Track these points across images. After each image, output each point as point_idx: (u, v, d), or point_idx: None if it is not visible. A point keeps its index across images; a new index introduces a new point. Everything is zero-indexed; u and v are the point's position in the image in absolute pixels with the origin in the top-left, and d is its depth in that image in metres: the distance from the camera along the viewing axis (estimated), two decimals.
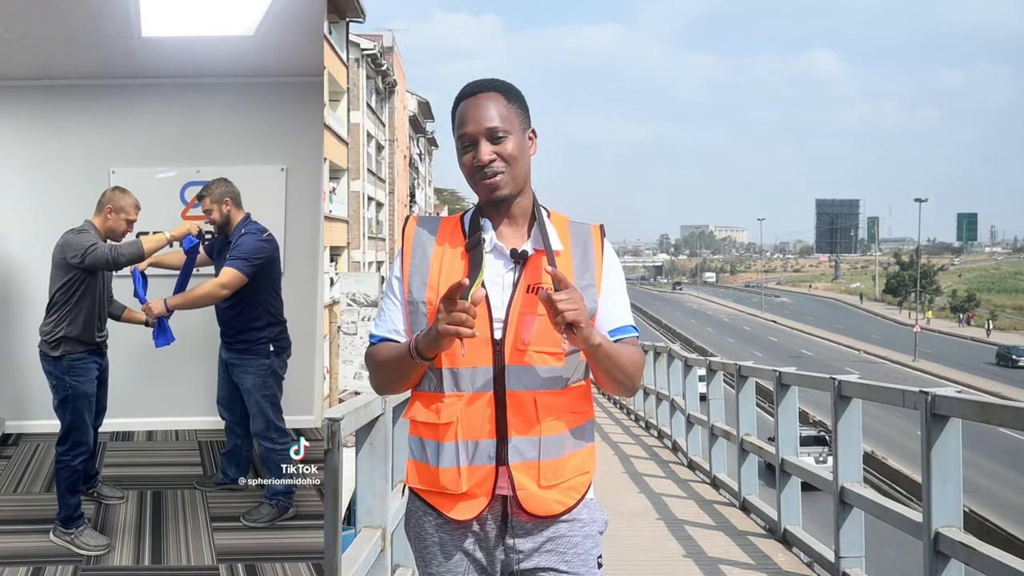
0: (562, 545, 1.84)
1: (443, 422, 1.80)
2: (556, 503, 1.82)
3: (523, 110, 1.86)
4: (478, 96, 1.83)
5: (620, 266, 1.94)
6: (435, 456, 1.81)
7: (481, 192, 1.83)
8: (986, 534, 16.26)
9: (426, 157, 48.97)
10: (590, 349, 1.75)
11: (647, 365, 11.67)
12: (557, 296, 1.69)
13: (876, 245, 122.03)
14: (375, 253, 29.62)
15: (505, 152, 1.81)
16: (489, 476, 1.79)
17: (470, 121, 1.81)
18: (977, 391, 25.51)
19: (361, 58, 27.46)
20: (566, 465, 1.82)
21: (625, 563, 5.23)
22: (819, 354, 49.18)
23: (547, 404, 1.80)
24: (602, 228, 1.93)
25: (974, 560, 3.39)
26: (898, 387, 4.18)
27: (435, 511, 1.85)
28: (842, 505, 4.70)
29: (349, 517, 4.55)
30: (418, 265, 1.85)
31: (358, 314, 18.72)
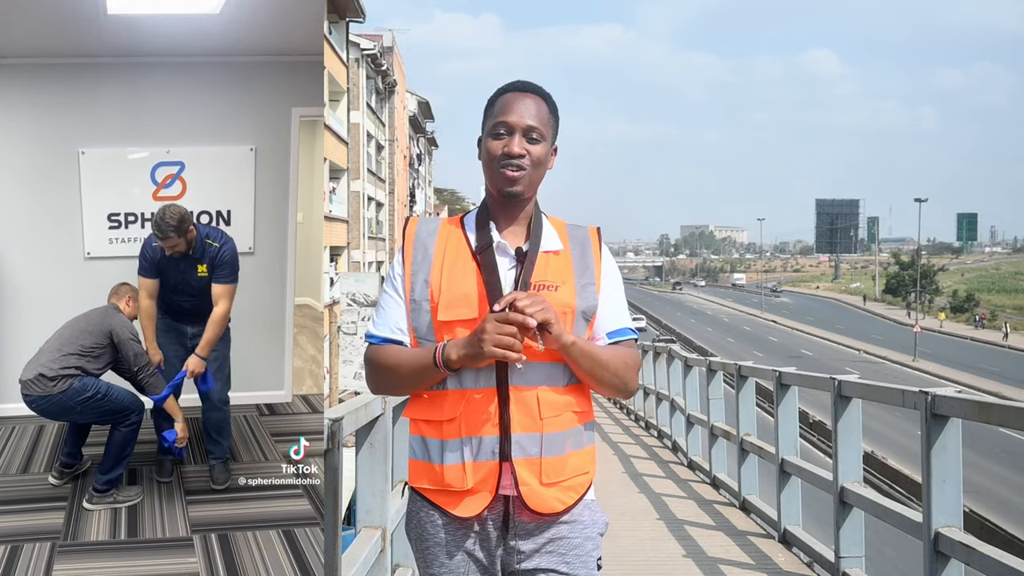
0: (563, 546, 1.85)
1: (446, 419, 1.82)
2: (557, 501, 1.83)
3: (556, 125, 1.92)
4: (528, 94, 1.89)
5: (617, 269, 1.97)
6: (439, 454, 1.83)
7: (497, 181, 1.85)
8: (986, 534, 16.25)
9: (426, 157, 48.95)
10: (564, 348, 1.78)
11: (647, 365, 11.68)
12: (522, 303, 1.72)
13: (876, 245, 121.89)
14: (375, 253, 29.61)
15: (535, 153, 1.86)
16: (493, 472, 1.80)
17: (514, 112, 1.86)
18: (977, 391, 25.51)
19: (361, 58, 27.46)
20: (567, 463, 1.84)
21: (625, 563, 5.23)
22: (819, 354, 49.15)
23: (549, 401, 1.82)
24: (599, 231, 1.96)
25: (974, 560, 3.40)
26: (898, 387, 4.18)
27: (438, 510, 1.85)
28: (842, 505, 4.70)
29: (349, 517, 4.56)
30: (420, 264, 1.87)
31: (358, 314, 18.72)
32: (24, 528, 4.22)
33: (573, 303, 1.85)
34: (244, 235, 4.82)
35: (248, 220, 4.74)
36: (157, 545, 4.18)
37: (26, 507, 4.37)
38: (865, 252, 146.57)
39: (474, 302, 1.82)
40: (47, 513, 4.34)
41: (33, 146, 4.73)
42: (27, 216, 4.30)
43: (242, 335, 4.84)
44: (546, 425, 1.81)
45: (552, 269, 1.86)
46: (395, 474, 4.03)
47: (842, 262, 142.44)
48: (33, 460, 4.72)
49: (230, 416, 4.74)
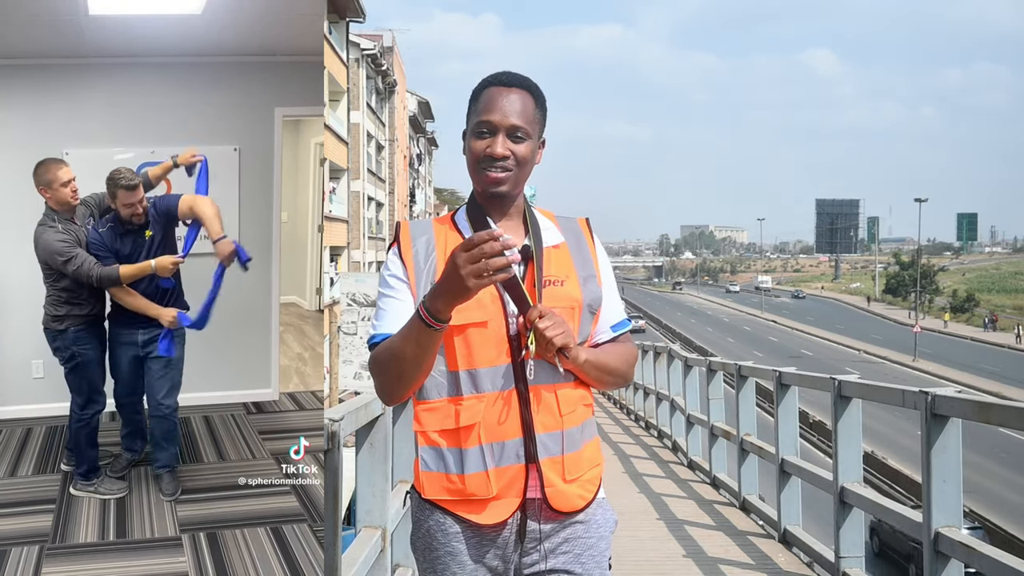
0: (578, 547, 1.84)
1: (463, 425, 1.77)
2: (579, 497, 1.82)
3: (544, 118, 1.85)
4: (512, 89, 1.81)
5: (609, 260, 1.96)
6: (458, 463, 1.77)
7: (482, 180, 1.80)
8: (986, 534, 16.25)
9: (426, 157, 48.96)
10: (579, 367, 1.77)
11: (647, 365, 11.69)
12: (542, 324, 1.70)
13: (876, 245, 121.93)
14: (375, 253, 29.61)
15: (519, 153, 1.79)
16: (519, 475, 1.77)
17: (497, 110, 1.78)
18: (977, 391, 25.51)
19: (361, 58, 27.46)
20: (583, 457, 1.83)
21: (625, 563, 5.22)
22: (819, 354, 49.15)
23: (567, 397, 1.81)
24: (588, 221, 1.94)
25: (974, 560, 3.40)
26: (898, 387, 4.18)
27: (456, 519, 1.81)
28: (842, 505, 4.70)
29: (349, 517, 4.56)
30: (422, 266, 1.81)
31: (358, 314, 18.72)
32: (12, 531, 4.20)
33: (580, 297, 1.83)
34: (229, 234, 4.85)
35: (232, 220, 4.77)
36: (146, 545, 4.18)
37: (14, 510, 4.35)
38: (865, 252, 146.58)
39: (485, 303, 1.75)
40: (35, 516, 4.32)
41: (17, 147, 4.73)
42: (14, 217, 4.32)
43: (228, 334, 4.85)
44: (566, 422, 1.80)
45: (555, 264, 1.84)
46: (395, 474, 4.04)
47: (842, 262, 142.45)
48: (21, 463, 4.68)
49: (178, 424, 4.65)
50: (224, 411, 4.92)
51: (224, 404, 4.91)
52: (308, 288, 5.52)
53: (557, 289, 1.81)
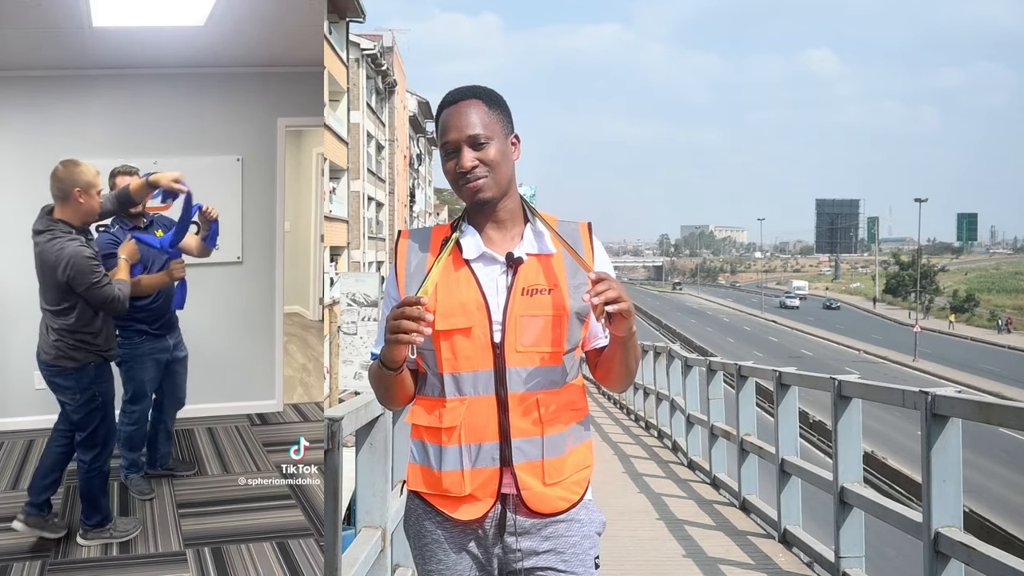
0: (560, 545, 1.86)
1: (446, 426, 1.83)
2: (561, 500, 1.85)
3: (505, 116, 1.88)
4: (459, 104, 1.85)
5: (610, 261, 1.97)
6: (438, 460, 1.84)
7: (465, 196, 1.85)
8: (986, 534, 16.25)
9: (426, 157, 48.96)
10: (627, 337, 1.79)
11: (647, 365, 11.70)
12: (601, 287, 1.71)
13: (876, 245, 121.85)
14: (375, 253, 29.61)
15: (487, 157, 1.83)
16: (493, 478, 1.82)
17: (452, 129, 1.84)
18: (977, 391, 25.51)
19: (361, 58, 27.46)
20: (568, 461, 1.86)
21: (625, 563, 5.23)
22: (819, 354, 49.15)
23: (548, 403, 1.83)
24: (589, 226, 1.95)
25: (974, 560, 3.40)
26: (898, 387, 4.18)
27: (437, 512, 1.87)
28: (842, 505, 4.70)
29: (349, 517, 4.56)
30: (413, 275, 1.87)
31: (358, 314, 18.74)
32: (14, 547, 4.12)
33: (567, 305, 1.84)
34: (232, 245, 4.87)
35: (236, 230, 4.78)
36: (150, 560, 4.11)
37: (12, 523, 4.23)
38: (865, 252, 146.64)
39: (470, 310, 1.82)
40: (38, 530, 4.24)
41: (21, 159, 4.75)
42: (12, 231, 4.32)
43: (231, 345, 4.88)
44: (547, 428, 1.83)
45: (544, 272, 1.86)
46: (395, 474, 4.03)
47: (842, 262, 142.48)
48: (23, 477, 4.59)
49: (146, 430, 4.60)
50: (228, 423, 4.89)
51: (228, 416, 4.89)
52: (311, 298, 5.53)
53: (541, 297, 1.83)
